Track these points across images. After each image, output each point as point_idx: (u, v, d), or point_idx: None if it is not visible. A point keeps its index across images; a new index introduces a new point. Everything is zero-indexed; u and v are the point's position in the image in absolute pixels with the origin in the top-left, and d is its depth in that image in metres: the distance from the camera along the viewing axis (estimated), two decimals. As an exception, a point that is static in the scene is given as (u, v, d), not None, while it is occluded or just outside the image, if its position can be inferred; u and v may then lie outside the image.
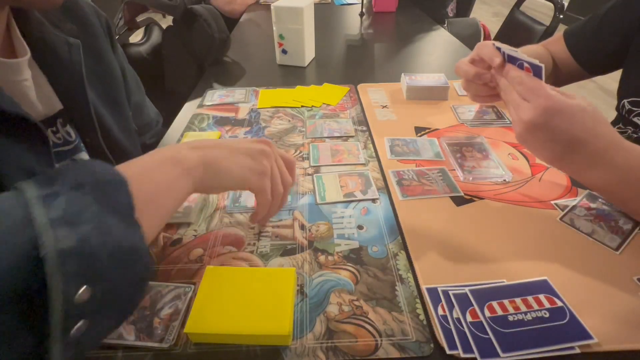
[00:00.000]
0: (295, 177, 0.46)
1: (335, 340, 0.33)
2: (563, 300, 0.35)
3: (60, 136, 0.47)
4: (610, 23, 0.66)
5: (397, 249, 0.42)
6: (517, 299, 0.35)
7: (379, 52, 1.05)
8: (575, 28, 0.73)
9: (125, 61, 0.65)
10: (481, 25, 1.60)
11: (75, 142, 0.49)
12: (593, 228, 0.43)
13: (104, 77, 0.56)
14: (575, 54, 0.71)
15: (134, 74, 0.70)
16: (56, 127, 0.47)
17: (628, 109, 0.64)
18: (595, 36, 0.68)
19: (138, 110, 0.68)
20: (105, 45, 0.58)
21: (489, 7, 4.54)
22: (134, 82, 0.68)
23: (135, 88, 0.68)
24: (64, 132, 0.48)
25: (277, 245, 0.42)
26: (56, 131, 0.47)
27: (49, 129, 0.46)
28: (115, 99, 0.58)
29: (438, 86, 0.73)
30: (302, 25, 0.86)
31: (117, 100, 0.58)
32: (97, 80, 0.54)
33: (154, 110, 0.76)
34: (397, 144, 0.60)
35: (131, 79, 0.67)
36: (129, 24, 0.99)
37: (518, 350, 0.31)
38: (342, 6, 1.55)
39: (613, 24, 0.66)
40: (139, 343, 0.33)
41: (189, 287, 0.37)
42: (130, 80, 0.66)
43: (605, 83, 2.56)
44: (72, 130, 0.49)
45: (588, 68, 0.70)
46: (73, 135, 0.49)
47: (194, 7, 0.91)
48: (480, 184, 0.51)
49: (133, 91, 0.67)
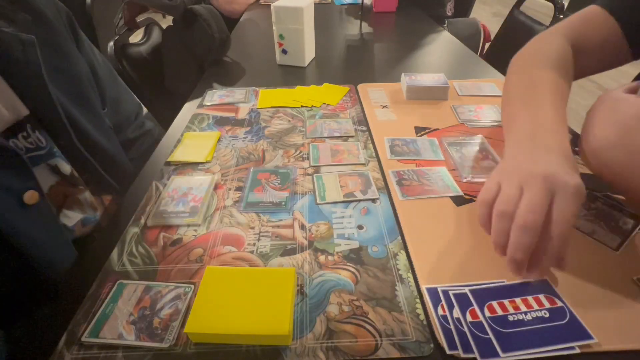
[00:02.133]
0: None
1: (335, 340, 0.33)
2: (563, 301, 0.35)
3: (32, 141, 0.45)
4: None
5: (397, 249, 0.42)
6: (517, 298, 0.35)
7: (379, 52, 1.05)
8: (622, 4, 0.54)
9: (95, 55, 0.62)
10: (481, 26, 1.60)
11: (47, 147, 0.47)
12: (593, 228, 0.43)
13: (68, 74, 0.53)
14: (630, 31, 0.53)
15: (108, 67, 0.67)
16: (27, 132, 0.45)
17: None
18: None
19: (115, 105, 0.66)
20: (66, 40, 0.54)
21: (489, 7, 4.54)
22: (108, 76, 0.65)
23: (109, 82, 0.65)
24: (35, 138, 0.46)
25: (277, 245, 0.42)
26: (27, 136, 0.45)
27: (20, 134, 0.44)
28: (83, 95, 0.55)
29: (438, 86, 0.73)
30: (302, 25, 0.86)
31: (85, 97, 0.55)
32: (61, 78, 0.51)
33: (133, 102, 0.73)
34: (397, 144, 0.60)
35: (104, 74, 0.63)
36: (129, 24, 0.99)
37: (518, 350, 0.31)
38: (342, 6, 1.54)
39: None
40: (139, 343, 0.33)
41: (189, 287, 0.37)
42: (102, 75, 0.62)
43: (605, 83, 2.56)
44: (42, 136, 0.47)
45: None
46: (44, 142, 0.47)
47: (194, 7, 0.91)
48: (480, 184, 0.51)
49: (107, 86, 0.63)
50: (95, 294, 0.37)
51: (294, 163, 0.56)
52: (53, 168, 0.48)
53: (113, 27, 0.99)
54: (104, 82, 0.63)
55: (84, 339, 0.33)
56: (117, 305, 0.36)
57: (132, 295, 0.37)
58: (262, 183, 0.52)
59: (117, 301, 0.36)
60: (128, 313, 0.35)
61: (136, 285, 0.38)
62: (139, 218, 0.46)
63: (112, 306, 0.36)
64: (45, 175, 0.47)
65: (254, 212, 0.47)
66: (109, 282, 0.38)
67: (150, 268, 0.40)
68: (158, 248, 0.42)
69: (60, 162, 0.49)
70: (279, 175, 0.53)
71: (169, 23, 1.00)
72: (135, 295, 0.37)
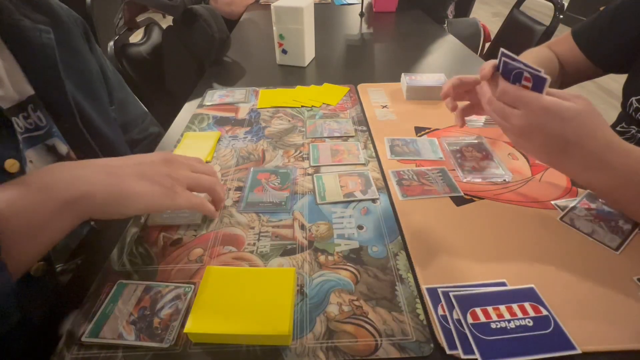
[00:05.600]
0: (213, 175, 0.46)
1: (335, 340, 0.33)
2: (548, 309, 0.34)
3: (31, 121, 0.47)
4: (624, 17, 0.65)
5: (397, 249, 0.42)
6: (501, 306, 0.35)
7: (379, 52, 1.05)
8: (583, 27, 0.71)
9: (106, 62, 0.65)
10: (481, 26, 1.60)
11: (47, 127, 0.48)
12: (593, 228, 0.43)
13: (81, 71, 0.55)
14: (588, 52, 0.69)
15: (118, 76, 0.70)
16: (27, 112, 0.47)
17: (636, 107, 0.63)
18: (609, 31, 0.67)
19: (122, 106, 0.68)
20: (80, 43, 0.57)
21: (489, 7, 4.54)
22: (117, 81, 0.68)
23: (117, 86, 0.68)
24: (35, 118, 0.47)
25: (277, 245, 0.42)
26: (27, 116, 0.47)
27: (20, 114, 0.46)
28: (92, 88, 0.57)
29: (438, 86, 0.73)
30: (302, 25, 0.86)
31: (94, 90, 0.57)
32: (74, 74, 0.53)
33: (140, 108, 0.76)
34: (397, 144, 0.60)
35: (113, 78, 0.66)
36: (129, 24, 0.99)
37: (498, 358, 0.31)
38: (342, 6, 1.55)
39: (627, 18, 0.64)
40: (139, 343, 0.33)
41: (189, 287, 0.37)
42: (111, 78, 0.65)
43: (605, 83, 2.56)
44: (43, 116, 0.48)
45: (603, 65, 0.69)
46: (44, 121, 0.48)
47: (194, 7, 0.91)
48: (480, 184, 0.51)
49: (115, 88, 0.66)
50: (95, 294, 0.37)
51: (294, 163, 0.56)
52: (50, 148, 0.49)
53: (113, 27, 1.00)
54: (112, 84, 0.65)
55: (84, 339, 0.33)
56: (117, 305, 0.36)
57: (132, 295, 0.37)
58: (262, 183, 0.52)
59: (117, 301, 0.36)
60: (128, 313, 0.35)
61: (136, 285, 0.38)
62: (138, 218, 0.46)
63: (112, 306, 0.36)
64: (42, 155, 0.48)
65: (254, 212, 0.47)
66: (109, 282, 0.38)
67: (150, 268, 0.40)
68: (158, 248, 0.42)
69: (57, 142, 0.50)
70: (279, 175, 0.53)
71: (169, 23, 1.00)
72: (135, 295, 0.37)
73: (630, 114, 0.64)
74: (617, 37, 0.66)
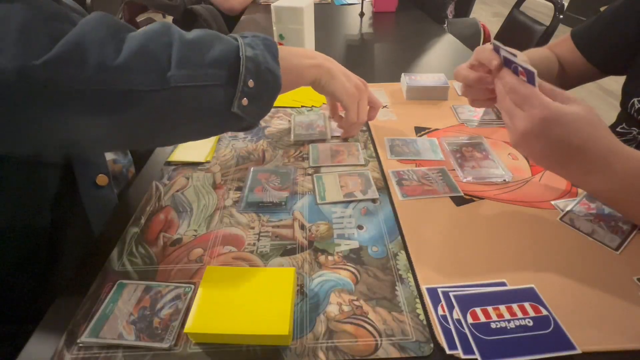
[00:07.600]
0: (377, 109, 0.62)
1: (335, 340, 0.33)
2: (548, 309, 0.34)
3: None
4: (623, 19, 0.65)
5: (397, 249, 0.42)
6: (501, 306, 0.35)
7: (379, 52, 1.05)
8: (582, 28, 0.71)
9: None
10: (481, 26, 1.60)
11: None
12: (593, 228, 0.43)
13: None
14: (587, 54, 0.69)
15: None
16: None
17: (637, 108, 0.62)
18: (608, 33, 0.67)
19: None
20: None
21: (489, 7, 4.54)
22: None
23: None
24: None
25: (277, 245, 0.42)
26: None
27: None
28: None
29: (438, 86, 0.73)
30: (302, 25, 0.86)
31: None
32: None
33: None
34: (397, 144, 0.60)
35: None
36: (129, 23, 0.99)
37: (497, 358, 0.31)
38: (342, 6, 1.55)
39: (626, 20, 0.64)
40: (139, 343, 0.33)
41: (189, 287, 0.37)
42: None
43: (605, 83, 2.56)
44: None
45: (601, 67, 0.69)
46: None
47: (194, 7, 0.91)
48: (480, 184, 0.51)
49: None
50: (95, 294, 0.37)
51: (294, 163, 0.56)
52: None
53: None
54: None
55: (84, 339, 0.33)
56: (117, 305, 0.36)
57: (132, 295, 0.37)
58: (262, 183, 0.52)
59: (117, 301, 0.36)
60: (128, 313, 0.35)
61: (136, 285, 0.38)
62: (139, 218, 0.46)
63: (112, 306, 0.36)
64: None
65: (254, 212, 0.47)
66: (109, 282, 0.38)
67: (150, 268, 0.40)
68: (158, 248, 0.42)
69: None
70: (279, 175, 0.53)
71: (169, 23, 1.00)
72: (135, 295, 0.37)
73: (632, 115, 0.64)
74: (616, 39, 0.66)
